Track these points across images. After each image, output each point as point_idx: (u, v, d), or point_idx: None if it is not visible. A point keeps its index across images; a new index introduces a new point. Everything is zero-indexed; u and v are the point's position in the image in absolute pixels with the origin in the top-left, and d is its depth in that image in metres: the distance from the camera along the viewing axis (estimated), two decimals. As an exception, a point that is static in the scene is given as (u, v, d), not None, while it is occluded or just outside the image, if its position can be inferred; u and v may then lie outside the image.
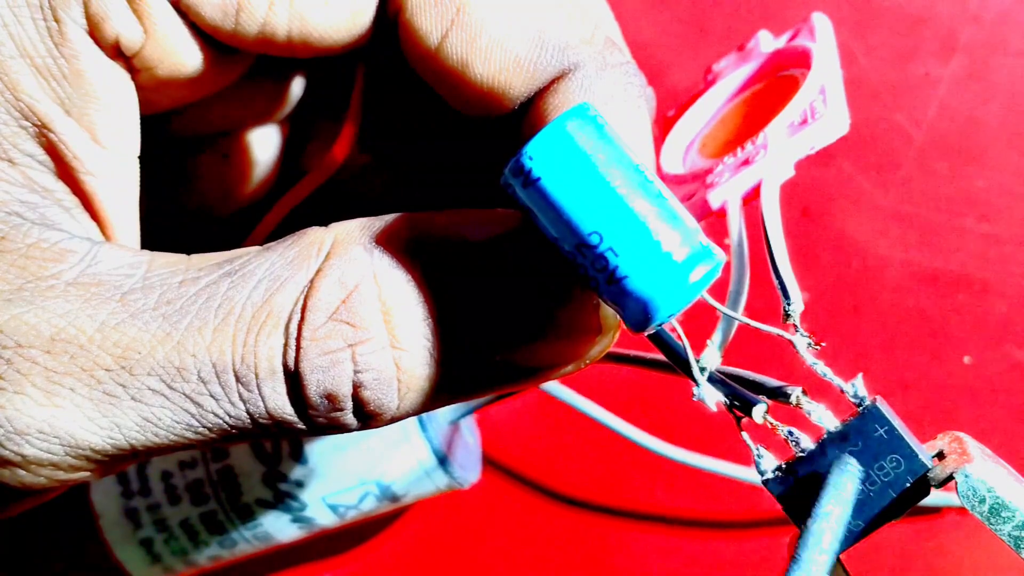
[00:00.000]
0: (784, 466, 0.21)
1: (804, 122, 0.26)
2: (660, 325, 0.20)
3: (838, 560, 0.25)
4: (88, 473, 0.20)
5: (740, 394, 0.21)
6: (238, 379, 0.19)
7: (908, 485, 0.20)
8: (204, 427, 0.20)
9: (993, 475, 0.20)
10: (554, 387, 0.37)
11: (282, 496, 0.36)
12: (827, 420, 0.21)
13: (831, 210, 0.38)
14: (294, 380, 0.20)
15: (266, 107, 0.27)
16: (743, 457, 0.38)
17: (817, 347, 0.21)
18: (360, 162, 0.29)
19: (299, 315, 0.19)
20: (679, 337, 0.20)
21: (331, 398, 0.20)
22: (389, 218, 0.20)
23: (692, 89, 0.34)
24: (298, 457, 0.35)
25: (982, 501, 0.20)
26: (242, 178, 0.28)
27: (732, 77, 0.32)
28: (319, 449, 0.35)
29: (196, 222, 0.28)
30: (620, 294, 0.19)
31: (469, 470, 0.38)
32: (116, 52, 0.21)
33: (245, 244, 0.33)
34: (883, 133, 0.37)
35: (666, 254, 0.19)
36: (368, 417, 0.20)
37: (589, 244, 0.19)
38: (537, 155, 0.19)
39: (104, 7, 0.20)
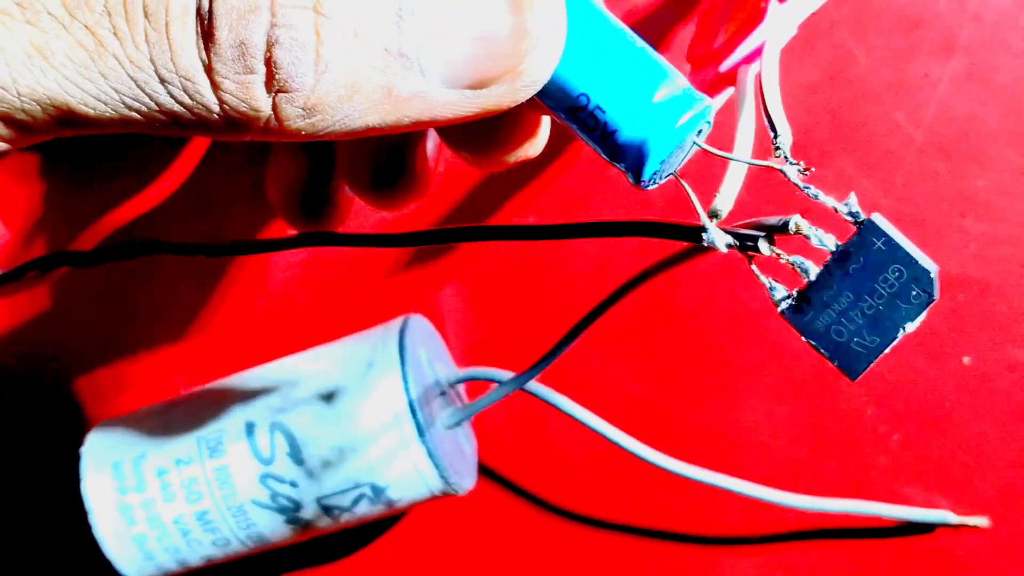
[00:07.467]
0: (796, 293, 0.21)
1: None
2: (658, 174, 0.20)
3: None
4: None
5: (746, 234, 0.21)
6: (147, 13, 0.18)
7: (914, 292, 0.20)
8: (101, 75, 0.18)
9: None
10: (553, 396, 0.37)
11: (276, 496, 0.35)
12: (827, 241, 0.21)
13: (831, 210, 0.38)
14: (206, 26, 0.18)
15: None
16: (742, 471, 0.37)
17: (807, 172, 0.21)
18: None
19: None
20: (684, 189, 0.21)
21: (243, 49, 0.18)
22: None
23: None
24: (295, 458, 0.35)
25: None
26: None
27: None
28: (316, 451, 0.35)
29: None
30: (614, 150, 0.20)
31: (465, 476, 0.38)
32: None
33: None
34: (883, 133, 0.37)
35: (649, 101, 0.20)
36: (279, 93, 0.19)
37: (579, 106, 0.20)
38: None
39: None
